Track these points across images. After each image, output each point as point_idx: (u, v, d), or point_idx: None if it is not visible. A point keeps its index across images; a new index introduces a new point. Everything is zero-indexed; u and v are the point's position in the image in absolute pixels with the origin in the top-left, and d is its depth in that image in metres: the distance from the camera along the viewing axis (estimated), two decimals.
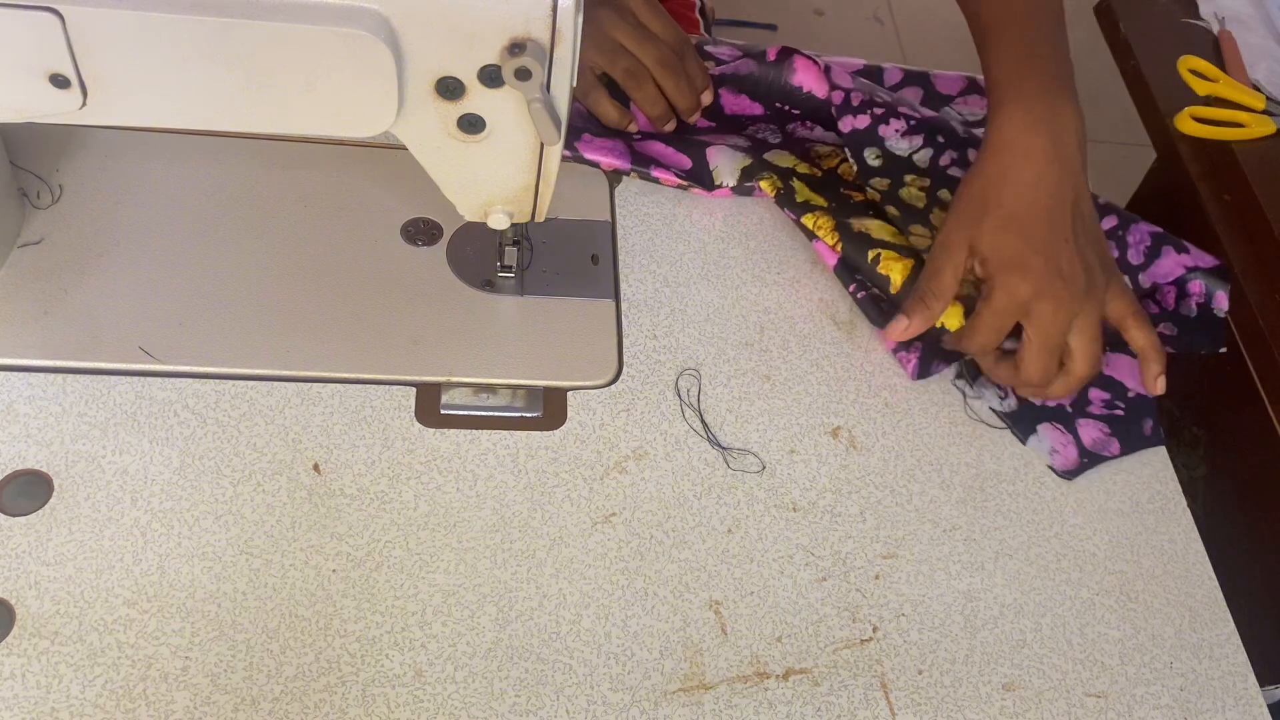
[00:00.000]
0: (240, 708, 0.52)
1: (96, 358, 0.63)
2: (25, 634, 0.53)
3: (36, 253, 0.67)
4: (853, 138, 0.76)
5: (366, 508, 0.60)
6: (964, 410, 0.70)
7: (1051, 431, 0.70)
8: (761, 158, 0.77)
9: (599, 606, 0.58)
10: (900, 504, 0.65)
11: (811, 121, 0.82)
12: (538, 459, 0.63)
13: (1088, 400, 0.71)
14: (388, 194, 0.74)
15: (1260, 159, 0.85)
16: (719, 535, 0.62)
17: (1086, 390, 0.71)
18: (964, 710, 0.58)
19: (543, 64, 0.52)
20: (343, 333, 0.66)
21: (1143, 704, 0.60)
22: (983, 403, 0.70)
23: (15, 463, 0.59)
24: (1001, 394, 0.71)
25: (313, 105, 0.53)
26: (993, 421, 0.70)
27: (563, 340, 0.69)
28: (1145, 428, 0.71)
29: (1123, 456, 0.69)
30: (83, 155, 0.72)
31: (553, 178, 0.61)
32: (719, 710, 0.56)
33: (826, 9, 2.21)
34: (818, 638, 0.59)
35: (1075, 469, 0.68)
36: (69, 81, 0.51)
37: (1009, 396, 0.70)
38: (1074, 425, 0.70)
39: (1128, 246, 0.76)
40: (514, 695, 0.55)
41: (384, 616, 0.56)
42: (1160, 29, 0.97)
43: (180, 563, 0.56)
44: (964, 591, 0.62)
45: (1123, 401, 0.72)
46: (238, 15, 0.49)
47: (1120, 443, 0.70)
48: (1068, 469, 0.68)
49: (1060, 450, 0.69)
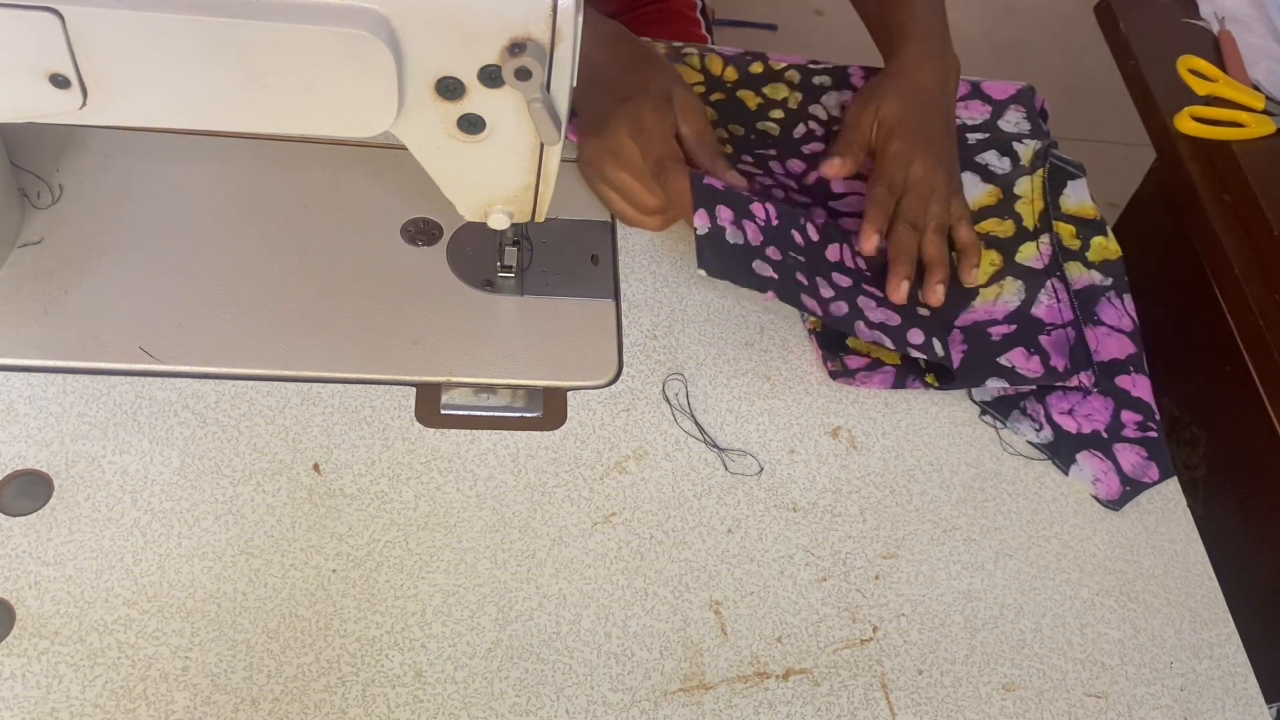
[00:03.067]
0: (240, 708, 0.52)
1: (96, 358, 0.63)
2: (25, 634, 0.53)
3: (36, 253, 0.67)
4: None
5: (366, 508, 0.60)
6: (1000, 446, 0.69)
7: (1092, 460, 0.69)
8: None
9: (599, 606, 0.58)
10: (900, 504, 0.65)
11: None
12: (538, 459, 0.63)
13: (1121, 424, 0.70)
14: (388, 194, 0.74)
15: (1260, 159, 0.85)
16: (719, 535, 0.62)
17: (1119, 413, 0.71)
18: (964, 710, 0.58)
19: (543, 64, 0.52)
20: (343, 333, 0.66)
21: (1143, 704, 0.60)
22: (1018, 435, 0.69)
23: (15, 463, 0.58)
24: (1036, 425, 0.69)
25: (313, 105, 0.53)
26: (1030, 454, 0.69)
27: (563, 340, 0.69)
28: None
29: (1162, 481, 0.69)
30: (83, 155, 0.72)
31: (553, 178, 0.60)
32: (719, 710, 0.56)
33: (826, 9, 2.21)
34: (818, 638, 0.59)
35: (1119, 499, 0.67)
36: (69, 81, 0.51)
37: (1044, 428, 0.69)
38: (1112, 451, 0.69)
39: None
40: (514, 695, 0.55)
41: (384, 616, 0.56)
42: (1160, 29, 0.97)
43: (180, 563, 0.56)
44: (964, 591, 0.62)
45: (1154, 423, 0.71)
46: (238, 15, 0.49)
47: (1158, 466, 0.69)
48: (1112, 499, 0.67)
49: (1102, 479, 0.68)
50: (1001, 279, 0.76)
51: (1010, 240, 0.78)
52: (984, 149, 0.84)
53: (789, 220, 0.71)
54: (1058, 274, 0.76)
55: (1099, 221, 0.81)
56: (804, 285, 0.68)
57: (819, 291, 0.69)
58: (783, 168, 0.80)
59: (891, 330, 0.69)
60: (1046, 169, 0.82)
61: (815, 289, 0.69)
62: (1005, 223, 0.79)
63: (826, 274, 0.71)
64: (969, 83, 0.89)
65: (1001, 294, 0.75)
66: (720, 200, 0.68)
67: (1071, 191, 0.82)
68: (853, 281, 0.71)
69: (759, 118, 0.84)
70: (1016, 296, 0.75)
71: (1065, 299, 0.75)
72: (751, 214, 0.69)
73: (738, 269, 0.67)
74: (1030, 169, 0.82)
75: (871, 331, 0.68)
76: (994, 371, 0.70)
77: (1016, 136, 0.85)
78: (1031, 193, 0.81)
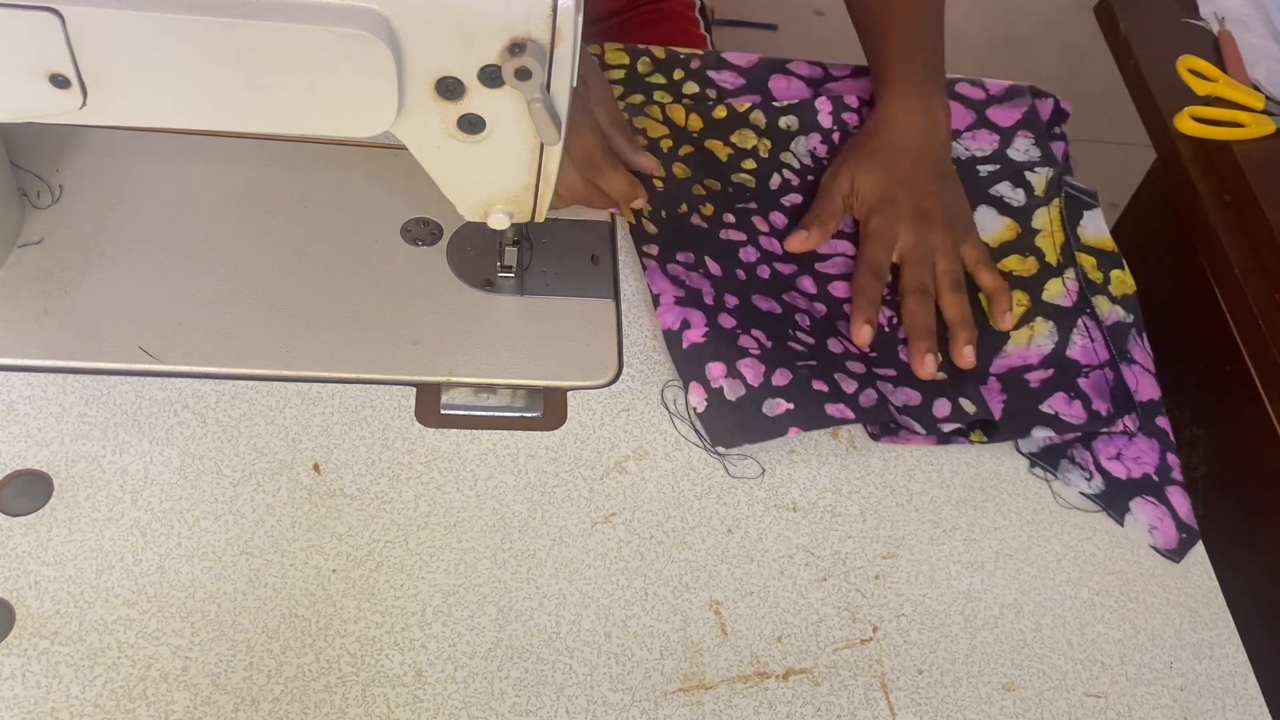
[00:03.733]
0: (240, 708, 0.52)
1: (96, 358, 0.63)
2: (25, 634, 0.53)
3: (36, 253, 0.67)
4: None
5: (366, 508, 0.60)
6: (1053, 501, 0.67)
7: (1146, 507, 0.67)
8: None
9: (599, 606, 0.58)
10: (900, 504, 0.65)
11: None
12: (538, 459, 0.63)
13: (1169, 466, 0.68)
14: (388, 194, 0.74)
15: (1260, 159, 0.85)
16: (719, 535, 0.62)
17: (1166, 456, 0.69)
18: (964, 710, 0.58)
19: (543, 64, 0.52)
20: (343, 333, 0.66)
21: (1143, 704, 0.60)
22: (1069, 487, 0.68)
23: (15, 463, 0.58)
24: (1086, 474, 0.68)
25: (313, 105, 0.53)
26: (1084, 505, 0.67)
27: (563, 340, 0.69)
28: None
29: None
30: (83, 155, 0.72)
31: (553, 178, 0.60)
32: (719, 710, 0.56)
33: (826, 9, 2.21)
34: (818, 638, 0.59)
35: (1177, 548, 0.65)
36: (69, 81, 0.51)
37: (1094, 476, 0.67)
38: (1165, 494, 0.67)
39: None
40: (514, 695, 0.55)
41: (384, 616, 0.56)
42: (1160, 29, 0.97)
43: (180, 563, 0.56)
44: (964, 591, 0.62)
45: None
46: (238, 15, 0.49)
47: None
48: (1170, 548, 0.65)
49: (1159, 525, 0.66)
50: (1032, 320, 0.74)
51: (1035, 278, 0.76)
52: (996, 180, 0.82)
53: (782, 334, 0.69)
54: (1088, 310, 0.74)
55: (1116, 254, 0.79)
56: (824, 393, 0.66)
57: (841, 388, 0.66)
58: (766, 223, 0.77)
59: (916, 411, 0.67)
60: (1063, 199, 0.80)
61: (837, 388, 0.66)
62: (1028, 259, 0.77)
63: (841, 369, 0.68)
64: (973, 111, 0.87)
65: (1034, 336, 0.73)
66: (707, 358, 0.66)
67: (1089, 222, 0.80)
68: (865, 367, 0.69)
69: (732, 169, 0.80)
70: (1050, 339, 0.73)
71: (1099, 337, 0.72)
72: (744, 350, 0.66)
73: (747, 425, 0.64)
74: (1046, 199, 0.80)
75: (902, 418, 0.67)
76: (1038, 420, 0.68)
77: (1028, 165, 0.83)
78: (1050, 225, 0.79)
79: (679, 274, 0.71)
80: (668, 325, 0.68)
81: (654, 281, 0.70)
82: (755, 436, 0.65)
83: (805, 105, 0.84)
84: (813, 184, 0.80)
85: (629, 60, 0.86)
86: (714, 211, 0.77)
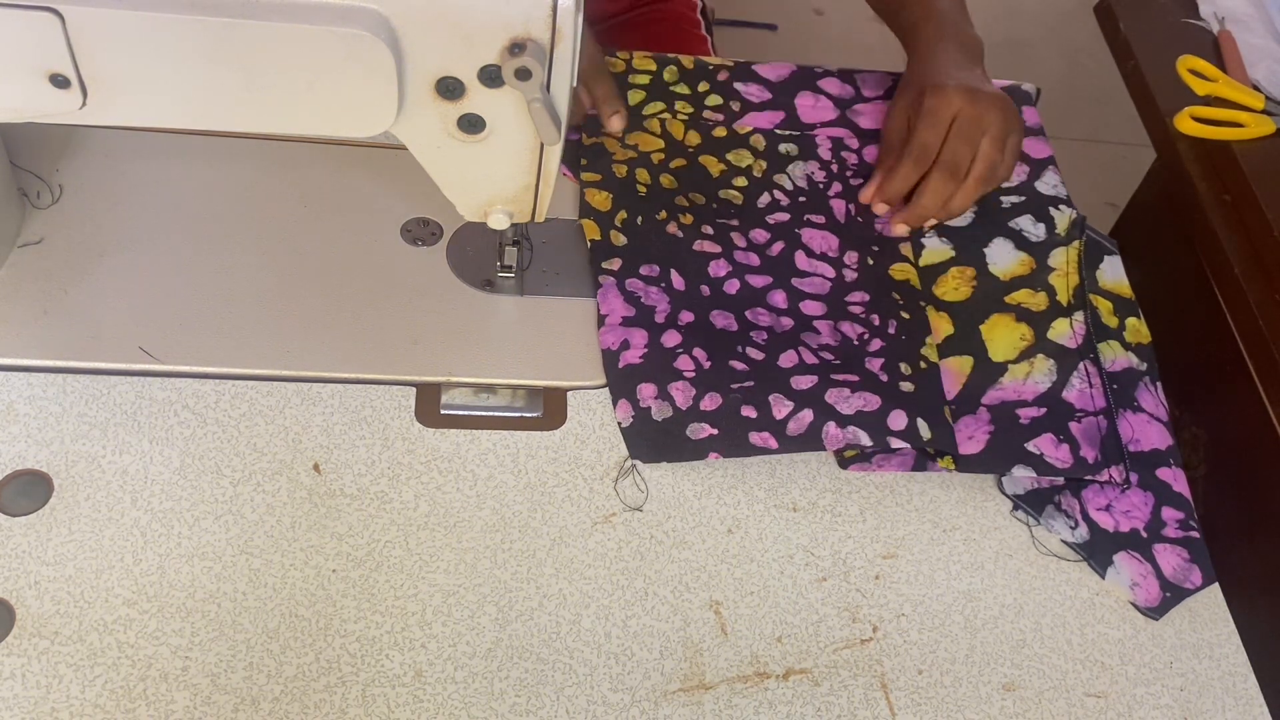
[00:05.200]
0: (240, 708, 0.52)
1: (96, 358, 0.63)
2: (25, 634, 0.53)
3: (36, 253, 0.67)
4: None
5: (366, 508, 0.60)
6: (1033, 546, 0.65)
7: (1130, 562, 0.64)
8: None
9: (599, 606, 0.58)
10: (900, 504, 0.65)
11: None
12: (538, 459, 0.63)
13: (1162, 522, 0.66)
14: (388, 194, 0.74)
15: (1260, 159, 0.85)
16: (719, 535, 0.62)
17: (1160, 511, 0.66)
18: (964, 710, 0.58)
19: (543, 64, 0.52)
20: (343, 333, 0.66)
21: (1143, 704, 0.60)
22: (1052, 534, 0.65)
23: (15, 463, 0.59)
24: (1071, 522, 0.65)
25: (313, 105, 0.53)
26: (1065, 554, 0.65)
27: (563, 340, 0.69)
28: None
29: (1204, 588, 0.64)
30: (83, 155, 0.72)
31: (553, 178, 0.61)
32: (719, 710, 0.56)
33: (826, 9, 2.21)
34: (818, 638, 0.59)
35: (1159, 606, 0.63)
36: (69, 81, 0.51)
37: (1079, 525, 0.65)
38: (1151, 552, 0.65)
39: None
40: (514, 695, 0.55)
41: (384, 616, 0.56)
42: (1160, 29, 0.97)
43: (180, 563, 0.56)
44: (964, 591, 0.62)
45: (1194, 523, 0.66)
46: (238, 15, 0.49)
47: (1201, 571, 0.64)
48: (1151, 606, 0.63)
49: (1141, 583, 0.64)
50: (1033, 356, 0.71)
51: (1043, 314, 0.73)
52: (1019, 213, 0.79)
53: (725, 353, 0.68)
54: (1090, 356, 0.71)
55: (1133, 302, 0.76)
56: (751, 420, 0.64)
57: (772, 413, 0.65)
58: (745, 239, 0.76)
59: (869, 418, 0.65)
60: (1083, 242, 0.78)
61: (768, 413, 0.65)
62: (1038, 295, 0.74)
63: (783, 386, 0.66)
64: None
65: (1032, 373, 0.70)
66: (640, 378, 0.66)
67: (1108, 266, 0.78)
68: (817, 379, 0.67)
69: (721, 185, 0.79)
70: (1048, 377, 0.70)
71: (1098, 384, 0.70)
72: (678, 373, 0.66)
73: (669, 445, 0.64)
74: (1066, 239, 0.78)
75: (844, 432, 0.64)
76: (1021, 458, 0.66)
77: (1054, 201, 0.80)
78: (1067, 265, 0.76)
79: (636, 289, 0.71)
80: (606, 345, 0.68)
81: (604, 301, 0.70)
82: (675, 457, 0.64)
83: (807, 136, 0.84)
84: (803, 205, 0.79)
85: (656, 68, 0.86)
86: (693, 221, 0.76)
